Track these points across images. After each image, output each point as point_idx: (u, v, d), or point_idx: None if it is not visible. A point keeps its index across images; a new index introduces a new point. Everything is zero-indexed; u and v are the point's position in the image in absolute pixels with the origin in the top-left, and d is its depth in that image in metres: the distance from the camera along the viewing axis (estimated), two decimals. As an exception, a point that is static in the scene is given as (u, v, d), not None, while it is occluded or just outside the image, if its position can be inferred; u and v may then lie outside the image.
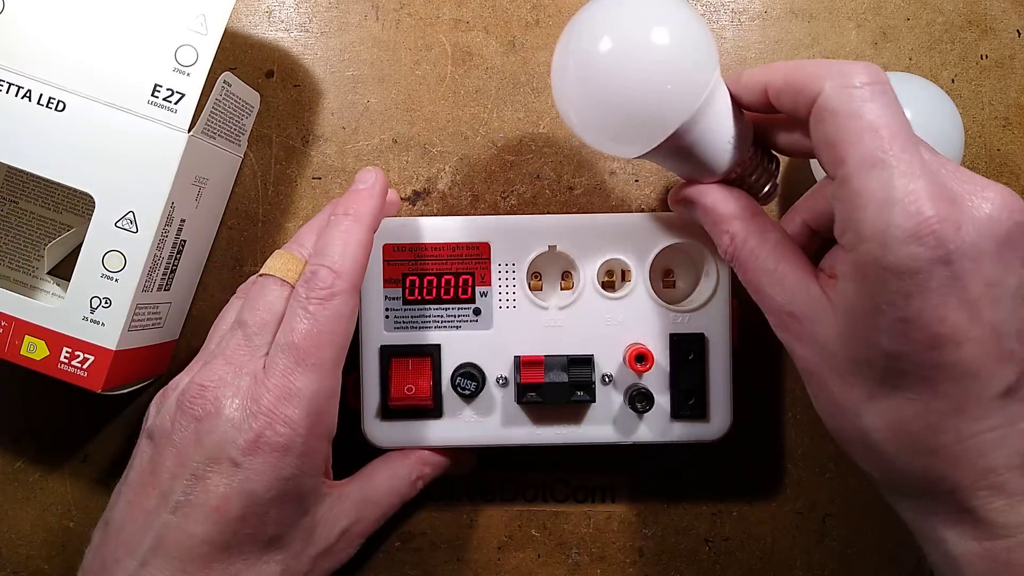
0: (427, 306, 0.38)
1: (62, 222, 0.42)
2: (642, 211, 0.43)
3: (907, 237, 0.25)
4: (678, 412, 0.38)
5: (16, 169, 0.35)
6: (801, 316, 0.30)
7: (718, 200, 0.33)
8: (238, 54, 0.43)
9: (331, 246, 0.33)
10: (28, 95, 0.35)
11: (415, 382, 0.37)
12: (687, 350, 0.38)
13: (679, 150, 0.33)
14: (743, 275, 0.33)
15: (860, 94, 0.27)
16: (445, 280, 0.38)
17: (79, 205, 0.42)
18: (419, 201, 0.43)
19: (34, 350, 0.36)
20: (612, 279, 0.39)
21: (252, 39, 0.43)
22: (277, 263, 0.34)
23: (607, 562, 0.43)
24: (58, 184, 0.35)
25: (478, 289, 0.38)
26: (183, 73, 0.35)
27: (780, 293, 0.31)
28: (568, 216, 0.39)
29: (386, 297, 0.38)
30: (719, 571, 0.43)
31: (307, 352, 0.31)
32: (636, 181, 0.43)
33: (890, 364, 0.27)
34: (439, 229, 0.38)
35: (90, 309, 0.35)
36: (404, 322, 0.38)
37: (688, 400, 0.38)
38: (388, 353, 0.38)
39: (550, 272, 0.39)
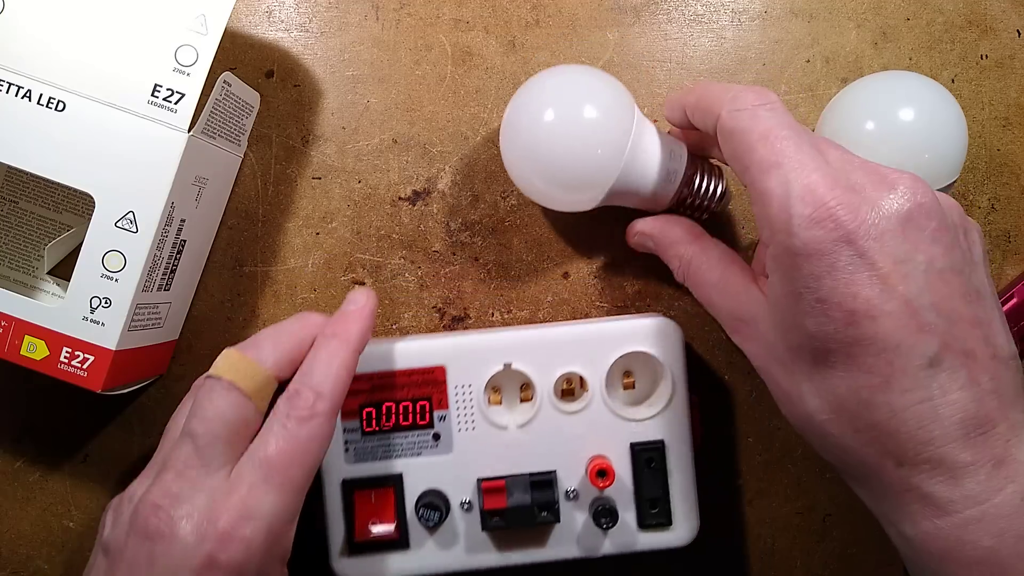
0: (386, 435, 0.37)
1: (62, 222, 0.42)
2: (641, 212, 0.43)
3: (809, 223, 0.28)
4: (643, 522, 0.38)
5: (16, 169, 0.35)
6: (747, 318, 0.34)
7: (664, 230, 0.38)
8: (238, 54, 0.43)
9: (316, 367, 0.32)
10: (28, 95, 0.35)
11: (379, 515, 0.37)
12: (648, 459, 0.37)
13: (625, 194, 0.37)
14: (696, 292, 0.37)
15: (751, 113, 0.31)
16: (403, 407, 0.37)
17: (79, 205, 0.42)
18: (419, 201, 0.43)
19: (34, 350, 0.36)
20: (572, 386, 0.38)
21: (252, 39, 0.43)
22: (228, 364, 0.32)
23: (607, 562, 0.43)
24: (58, 184, 0.35)
25: (436, 414, 0.37)
26: (183, 73, 0.35)
27: (726, 300, 0.35)
28: (522, 331, 0.38)
29: (345, 430, 0.37)
30: (719, 571, 0.43)
31: (278, 469, 0.30)
32: (636, 181, 0.43)
33: (817, 345, 0.29)
34: (393, 356, 0.38)
35: (90, 309, 0.35)
36: (364, 453, 0.37)
37: (652, 509, 0.37)
38: (350, 487, 0.37)
39: (508, 386, 0.38)
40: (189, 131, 0.35)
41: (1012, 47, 0.43)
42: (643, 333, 0.38)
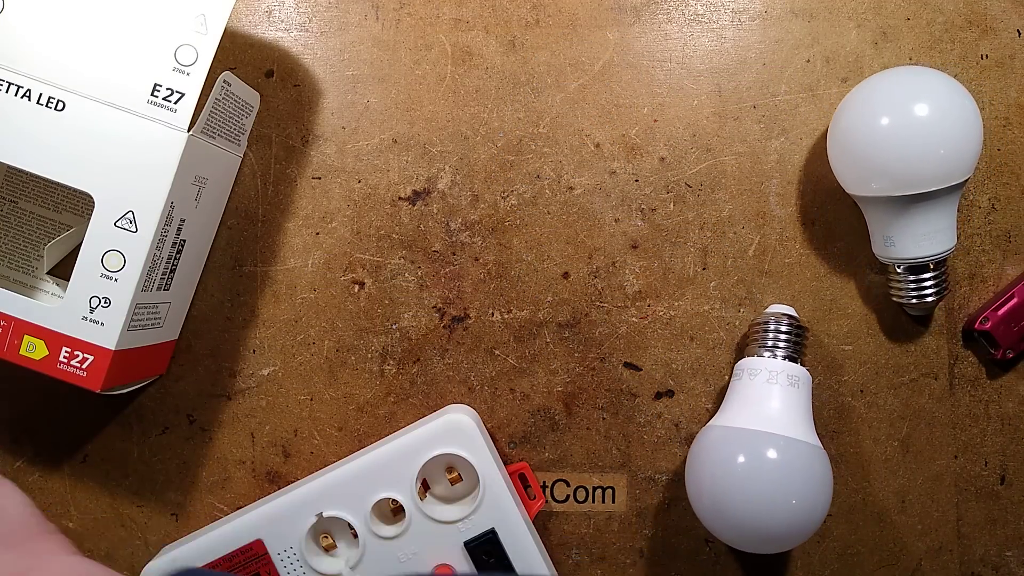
0: None
1: (62, 222, 0.42)
2: (641, 211, 0.43)
3: None
4: None
5: (16, 169, 0.35)
6: None
7: None
8: (238, 54, 0.43)
9: None
10: (28, 95, 0.35)
11: None
12: (484, 552, 0.37)
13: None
14: None
15: None
16: None
17: (79, 205, 0.42)
18: (419, 201, 0.43)
19: (33, 350, 0.36)
20: (396, 505, 0.38)
21: (252, 39, 0.43)
22: None
23: (607, 563, 0.43)
24: (58, 184, 0.35)
25: None
26: (183, 73, 0.35)
27: None
28: (323, 475, 0.38)
29: None
30: (719, 571, 0.43)
31: None
32: (636, 181, 0.43)
33: None
34: (208, 547, 0.38)
35: (89, 309, 0.35)
36: None
37: None
38: None
39: (336, 527, 0.39)
40: (189, 131, 0.35)
41: (1012, 47, 0.43)
42: (436, 436, 0.38)
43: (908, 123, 0.36)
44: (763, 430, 0.36)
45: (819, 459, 0.36)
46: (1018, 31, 0.43)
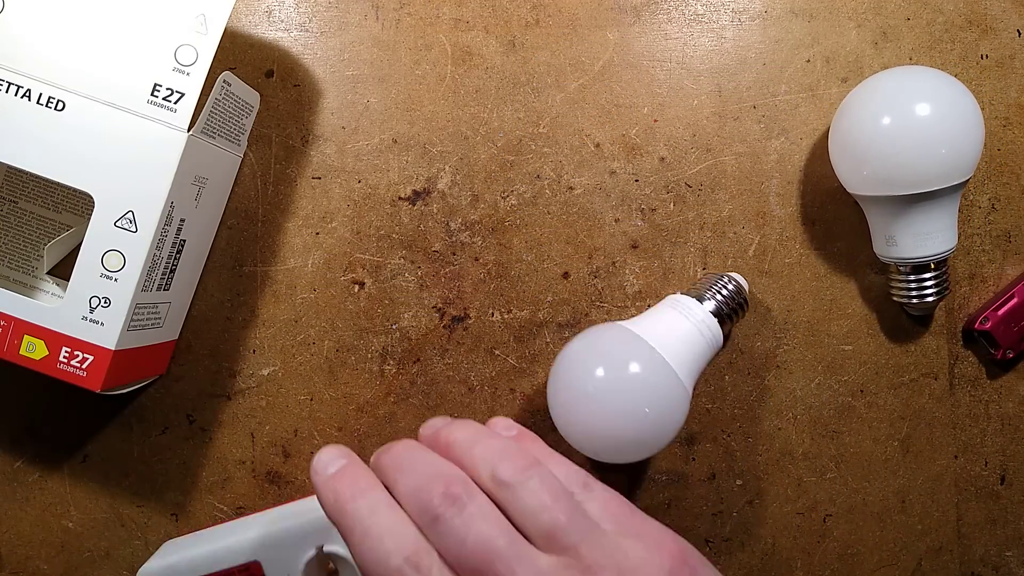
0: None
1: (62, 222, 0.42)
2: (641, 211, 0.43)
3: None
4: None
5: (16, 169, 0.35)
6: None
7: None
8: (238, 54, 0.43)
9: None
10: (28, 95, 0.35)
11: None
12: None
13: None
14: None
15: None
16: None
17: (79, 205, 0.42)
18: (419, 201, 0.43)
19: (33, 350, 0.36)
20: None
21: (252, 39, 0.43)
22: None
23: (607, 562, 0.43)
24: (58, 184, 0.35)
25: None
26: (183, 73, 0.35)
27: None
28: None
29: None
30: (719, 572, 0.43)
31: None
32: (636, 181, 0.43)
33: None
34: (205, 560, 0.37)
35: (89, 309, 0.35)
36: None
37: None
38: None
39: (339, 559, 0.38)
40: (189, 131, 0.35)
41: (1012, 47, 0.43)
42: None
43: (910, 123, 0.36)
44: (642, 336, 0.36)
45: (680, 391, 0.36)
46: (1018, 31, 0.43)
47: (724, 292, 0.39)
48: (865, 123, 0.38)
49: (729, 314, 0.39)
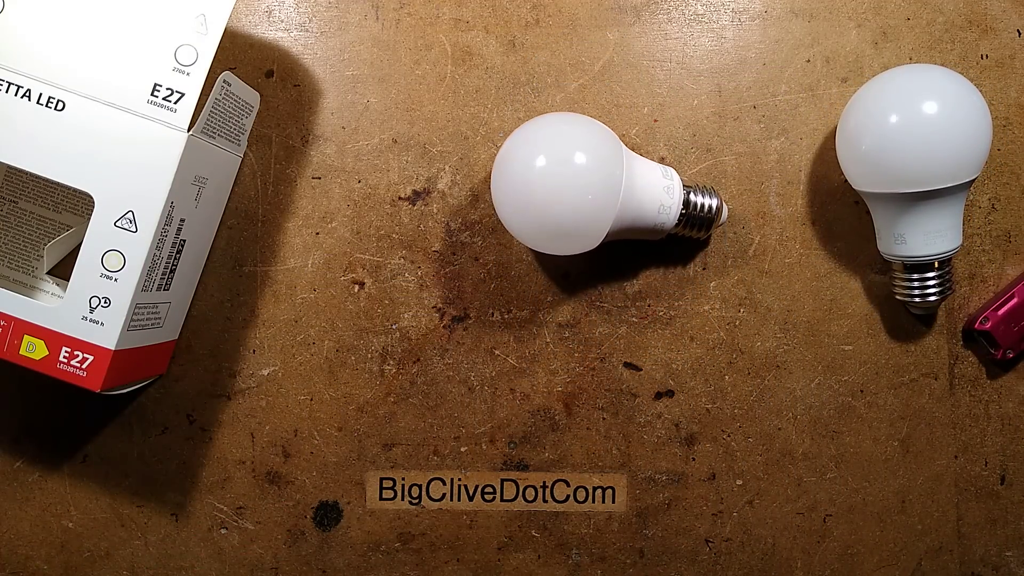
0: None
1: (62, 222, 0.42)
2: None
3: None
4: None
5: (16, 169, 0.35)
6: None
7: None
8: (238, 54, 0.43)
9: None
10: (28, 95, 0.35)
11: None
12: None
13: (628, 230, 0.38)
14: None
15: None
16: None
17: (79, 205, 0.42)
18: (419, 201, 0.43)
19: (33, 350, 0.36)
20: None
21: (252, 39, 0.43)
22: None
23: (607, 563, 0.43)
24: (58, 184, 0.35)
25: None
26: (183, 73, 0.35)
27: None
28: None
29: None
30: (719, 571, 0.43)
31: None
32: (636, 181, 0.43)
33: None
34: None
35: (89, 309, 0.35)
36: None
37: None
38: None
39: None
40: (189, 131, 0.35)
41: (1012, 47, 0.43)
42: None
43: (920, 120, 0.36)
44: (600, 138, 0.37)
45: (615, 190, 0.36)
46: (1018, 31, 0.43)
47: (705, 199, 0.40)
48: (874, 121, 0.38)
49: (696, 213, 0.40)
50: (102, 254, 0.35)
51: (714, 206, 0.40)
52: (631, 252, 0.43)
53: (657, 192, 0.38)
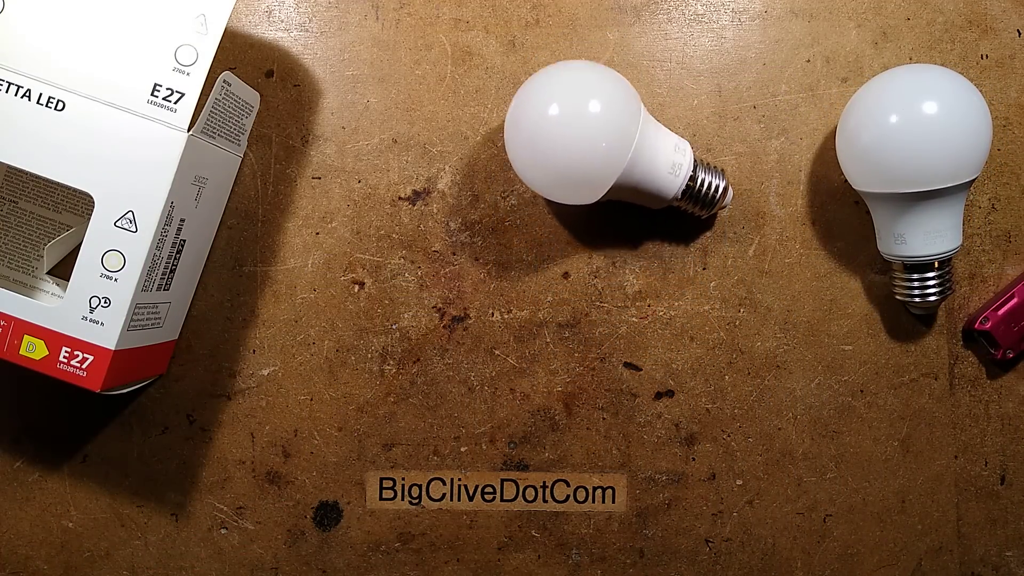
0: None
1: (62, 222, 0.42)
2: (642, 211, 0.43)
3: None
4: None
5: (16, 169, 0.35)
6: None
7: None
8: (238, 54, 0.43)
9: None
10: (28, 95, 0.35)
11: None
12: None
13: (630, 189, 0.38)
14: None
15: None
16: None
17: (79, 205, 0.42)
18: (419, 201, 0.43)
19: (33, 350, 0.36)
20: None
21: (252, 39, 0.43)
22: None
23: (607, 563, 0.43)
24: (58, 184, 0.35)
25: None
26: (183, 73, 0.35)
27: None
28: None
29: None
30: (719, 571, 0.43)
31: None
32: (636, 181, 0.43)
33: None
34: None
35: (89, 309, 0.35)
36: None
37: None
38: None
39: None
40: (189, 131, 0.35)
41: (1012, 47, 0.43)
42: None
43: (920, 120, 0.36)
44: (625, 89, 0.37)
45: (628, 140, 0.36)
46: (1018, 31, 0.43)
47: (713, 178, 0.40)
48: (874, 121, 0.38)
49: (701, 188, 0.40)
50: (102, 254, 0.35)
51: (720, 186, 0.40)
52: (631, 252, 0.43)
53: (668, 154, 0.38)
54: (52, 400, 0.43)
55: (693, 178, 0.39)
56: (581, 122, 0.36)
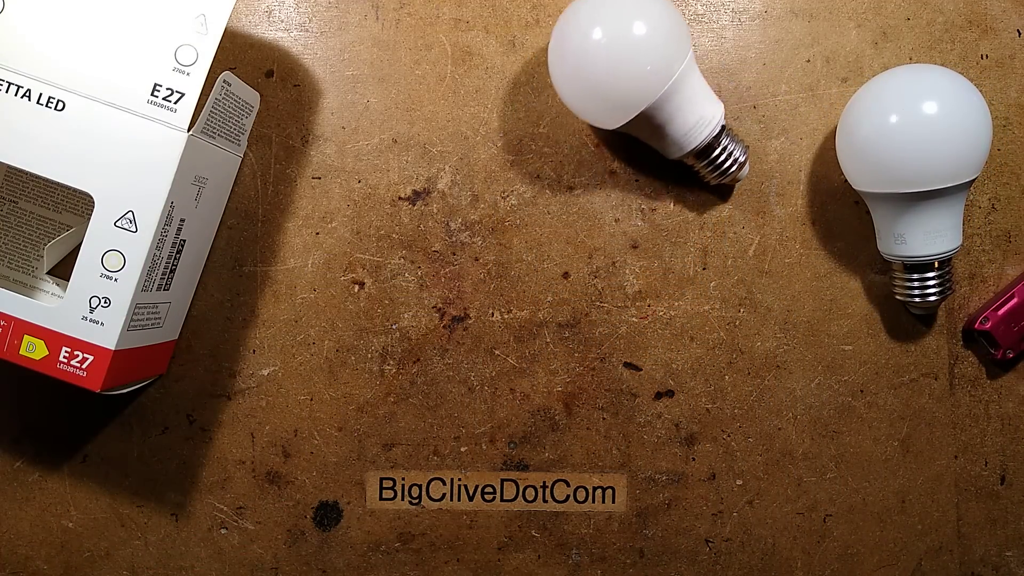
0: None
1: (62, 222, 0.42)
2: (641, 211, 0.43)
3: None
4: None
5: (16, 169, 0.35)
6: None
7: None
8: (238, 54, 0.43)
9: None
10: (28, 95, 0.35)
11: None
12: None
13: (652, 127, 0.38)
14: None
15: None
16: None
17: (79, 205, 0.42)
18: (419, 201, 0.43)
19: (33, 350, 0.36)
20: None
21: (252, 39, 0.43)
22: None
23: (607, 563, 0.43)
24: (58, 184, 0.35)
25: None
26: (183, 73, 0.35)
27: None
28: None
29: None
30: (719, 571, 0.43)
31: None
32: (636, 181, 0.43)
33: None
34: None
35: (89, 309, 0.35)
36: None
37: None
38: None
39: None
40: (189, 131, 0.35)
41: (1012, 47, 0.43)
42: None
43: (920, 120, 0.36)
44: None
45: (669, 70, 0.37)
46: (1018, 31, 0.43)
47: (736, 148, 0.40)
48: (874, 121, 0.38)
49: (721, 152, 0.40)
50: (102, 254, 0.35)
51: (739, 159, 0.40)
52: (631, 252, 0.43)
53: (701, 104, 0.38)
54: (52, 400, 0.43)
55: (717, 139, 0.39)
56: (628, 42, 0.36)
